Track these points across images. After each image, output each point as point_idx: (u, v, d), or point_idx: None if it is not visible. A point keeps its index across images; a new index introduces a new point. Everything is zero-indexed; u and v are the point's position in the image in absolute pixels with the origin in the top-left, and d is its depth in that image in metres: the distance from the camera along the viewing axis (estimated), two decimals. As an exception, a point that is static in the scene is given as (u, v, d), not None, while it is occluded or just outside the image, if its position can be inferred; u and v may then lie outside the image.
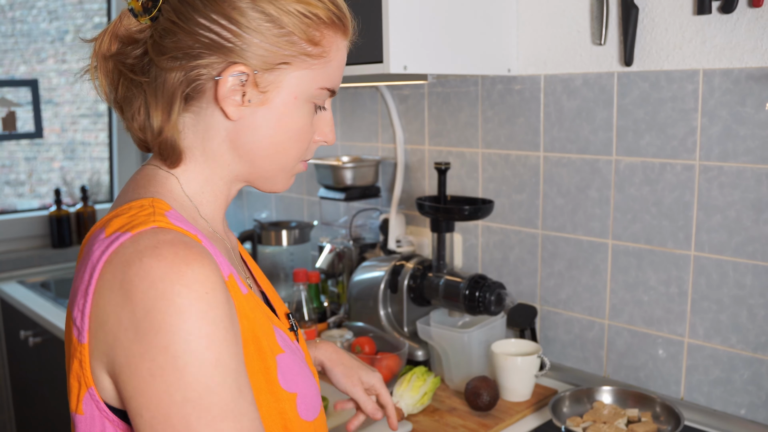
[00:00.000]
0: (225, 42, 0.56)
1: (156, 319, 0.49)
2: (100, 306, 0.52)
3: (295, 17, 0.58)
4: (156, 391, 0.49)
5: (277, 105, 0.60)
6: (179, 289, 0.50)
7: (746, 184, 1.05)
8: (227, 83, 0.57)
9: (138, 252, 0.51)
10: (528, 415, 1.16)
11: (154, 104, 0.59)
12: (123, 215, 0.56)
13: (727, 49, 1.04)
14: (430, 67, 1.15)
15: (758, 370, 1.06)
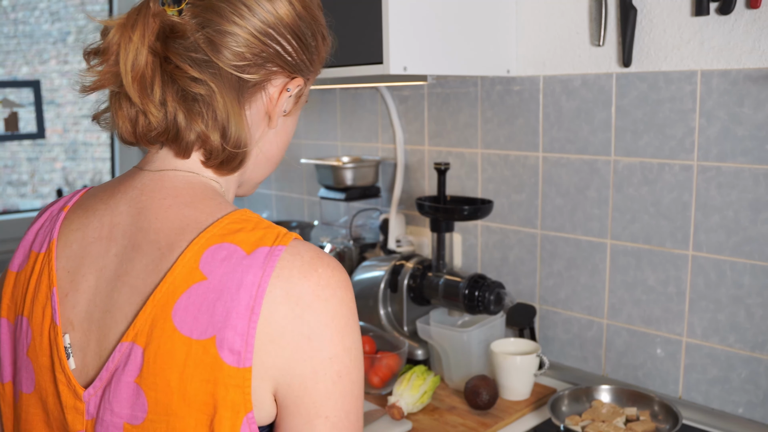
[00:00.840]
0: (290, 57, 0.60)
1: (341, 323, 0.52)
2: (270, 322, 0.51)
3: (325, 42, 0.65)
4: (342, 392, 0.52)
5: (295, 114, 0.66)
6: (349, 294, 0.54)
7: (744, 184, 1.05)
8: (286, 95, 0.61)
9: (308, 264, 0.53)
10: (527, 413, 1.17)
11: (231, 108, 0.57)
12: (243, 230, 0.54)
13: (725, 50, 1.05)
14: (430, 68, 1.16)
15: (756, 369, 1.07)
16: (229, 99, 0.57)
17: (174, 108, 0.56)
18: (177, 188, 0.58)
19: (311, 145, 1.86)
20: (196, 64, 0.56)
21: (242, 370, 0.50)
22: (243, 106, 0.59)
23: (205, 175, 0.60)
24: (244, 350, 0.50)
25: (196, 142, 0.57)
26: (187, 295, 0.51)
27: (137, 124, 0.57)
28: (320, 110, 1.81)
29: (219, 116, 0.57)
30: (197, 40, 0.56)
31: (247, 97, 0.60)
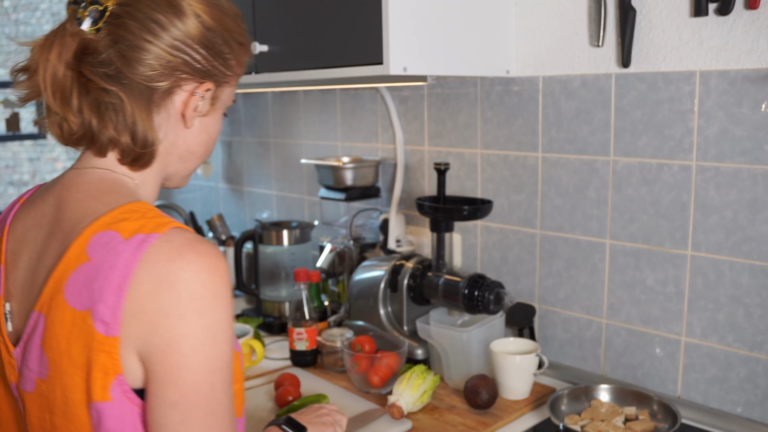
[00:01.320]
0: (198, 64, 0.68)
1: (200, 304, 0.59)
2: (136, 299, 0.59)
3: (242, 48, 0.73)
4: (195, 365, 0.59)
5: (216, 114, 0.74)
6: (216, 279, 0.61)
7: (743, 184, 1.06)
8: (196, 99, 0.70)
9: (176, 250, 0.60)
10: (526, 413, 1.17)
11: (138, 113, 0.66)
12: (128, 219, 0.63)
13: (724, 50, 1.05)
14: (430, 68, 1.16)
15: (754, 368, 1.07)
16: (137, 106, 0.66)
17: (89, 115, 0.66)
18: (90, 183, 0.68)
19: (311, 145, 1.87)
20: (108, 77, 0.65)
21: (111, 338, 0.59)
22: (153, 111, 0.68)
23: (118, 172, 0.69)
24: (112, 322, 0.59)
25: (109, 144, 0.67)
26: (76, 273, 0.61)
27: (63, 129, 0.67)
28: (320, 111, 1.82)
29: (128, 121, 0.66)
30: (110, 56, 0.65)
31: (157, 101, 0.68)
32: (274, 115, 1.99)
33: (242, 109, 2.12)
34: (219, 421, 0.62)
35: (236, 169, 2.19)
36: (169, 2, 0.66)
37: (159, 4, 0.66)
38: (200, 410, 0.60)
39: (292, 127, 1.93)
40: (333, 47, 1.19)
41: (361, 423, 1.09)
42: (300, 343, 1.36)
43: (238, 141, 2.16)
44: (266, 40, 1.34)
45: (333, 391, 1.22)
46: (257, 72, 1.38)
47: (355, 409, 1.15)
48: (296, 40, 1.27)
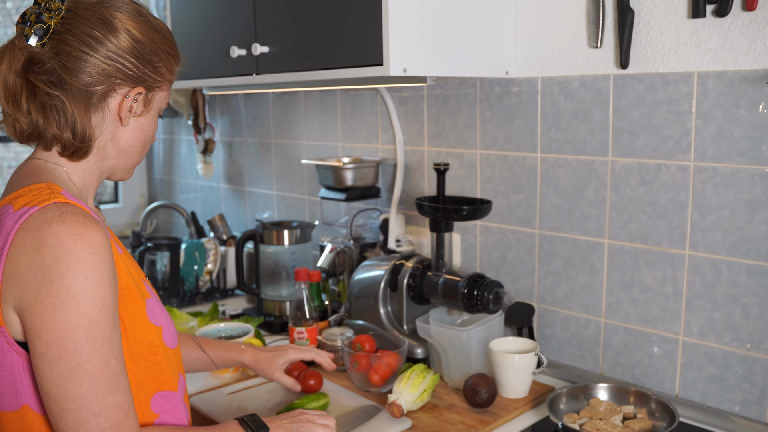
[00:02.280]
0: (130, 71, 0.80)
1: (61, 267, 0.68)
2: (12, 261, 0.70)
3: (170, 57, 0.84)
4: (56, 320, 0.68)
5: (150, 115, 0.85)
6: (80, 246, 0.69)
7: (740, 184, 1.06)
8: (129, 100, 0.81)
9: (46, 220, 0.70)
10: (525, 411, 1.18)
11: (78, 113, 0.77)
12: (25, 195, 0.74)
13: (722, 51, 1.06)
14: (430, 69, 1.17)
15: (752, 367, 1.08)
16: (76, 107, 0.78)
17: (36, 116, 0.78)
18: (26, 170, 0.80)
19: (312, 145, 1.87)
20: (51, 83, 0.77)
21: None
22: (90, 111, 0.79)
23: (51, 161, 0.81)
24: None
25: (53, 139, 0.79)
26: None
27: (15, 128, 0.79)
28: (321, 111, 1.83)
29: (69, 120, 0.77)
30: (53, 65, 0.76)
31: (95, 103, 0.79)
32: (275, 116, 2.00)
33: (243, 110, 2.12)
34: (88, 374, 0.69)
35: (237, 170, 2.19)
36: (103, 20, 0.78)
37: (94, 22, 0.77)
38: (66, 363, 0.68)
39: (293, 128, 1.94)
40: (333, 48, 1.20)
41: (357, 420, 1.10)
42: (300, 342, 1.37)
43: (239, 141, 2.17)
44: (267, 42, 1.35)
45: (333, 390, 1.23)
46: (258, 73, 1.39)
47: (353, 407, 1.16)
48: (297, 42, 1.28)
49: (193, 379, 1.31)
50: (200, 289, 1.86)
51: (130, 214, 2.66)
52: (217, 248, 1.90)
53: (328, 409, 1.15)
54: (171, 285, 1.80)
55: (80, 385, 0.69)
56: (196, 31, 1.57)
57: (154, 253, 1.83)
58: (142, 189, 2.70)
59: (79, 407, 0.69)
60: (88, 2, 0.78)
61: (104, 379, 0.70)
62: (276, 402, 1.19)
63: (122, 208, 2.64)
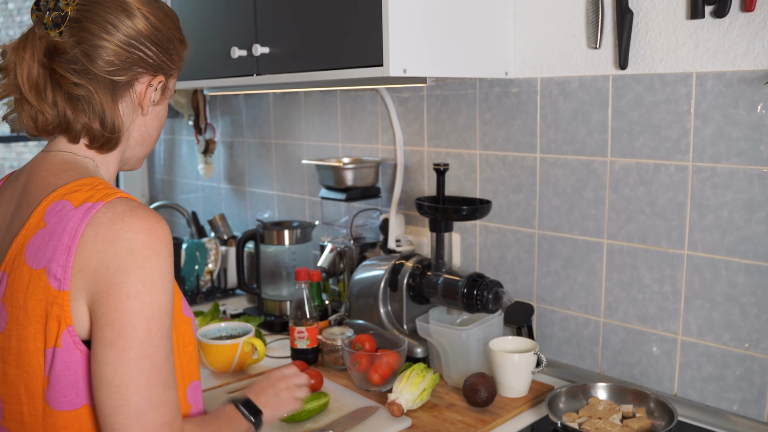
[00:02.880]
0: (151, 60, 0.79)
1: (137, 258, 0.68)
2: (83, 256, 0.68)
3: (181, 43, 0.84)
4: (130, 309, 0.68)
5: (165, 102, 0.85)
6: (155, 239, 0.70)
7: (738, 184, 1.07)
8: (152, 89, 0.81)
9: (118, 214, 0.70)
10: (525, 410, 1.18)
11: (105, 103, 0.77)
12: (81, 191, 0.73)
13: (720, 52, 1.06)
14: (429, 70, 1.17)
15: (750, 366, 1.08)
16: (104, 97, 0.77)
17: (63, 107, 0.76)
18: (53, 163, 0.78)
19: (312, 146, 1.88)
20: (76, 73, 0.75)
21: (62, 292, 0.69)
22: (117, 101, 0.79)
23: (80, 154, 0.79)
24: (63, 278, 0.68)
25: (82, 131, 0.77)
26: (35, 238, 0.71)
27: (37, 120, 0.77)
28: (321, 112, 1.83)
29: (97, 110, 0.76)
30: (76, 54, 0.74)
31: (119, 93, 0.79)
32: (276, 117, 2.00)
33: (244, 111, 2.13)
34: (154, 366, 0.68)
35: (238, 170, 2.20)
36: (120, 5, 0.77)
37: (111, 7, 0.76)
38: (135, 352, 0.68)
39: (293, 128, 1.94)
40: (333, 49, 1.21)
41: (356, 420, 1.10)
42: (301, 341, 1.37)
43: (239, 142, 2.17)
44: (267, 42, 1.35)
45: (333, 389, 1.24)
46: (259, 74, 1.39)
47: (354, 406, 1.16)
48: (297, 42, 1.29)
49: (194, 378, 1.32)
50: (201, 289, 1.87)
51: (131, 214, 2.66)
52: (217, 248, 1.90)
53: (329, 408, 1.16)
54: (172, 285, 1.80)
55: (146, 377, 0.68)
56: (197, 32, 1.58)
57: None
58: (143, 189, 2.70)
59: (142, 399, 0.67)
60: None
61: (165, 372, 0.70)
62: (276, 401, 1.20)
63: (123, 208, 2.64)
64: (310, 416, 1.11)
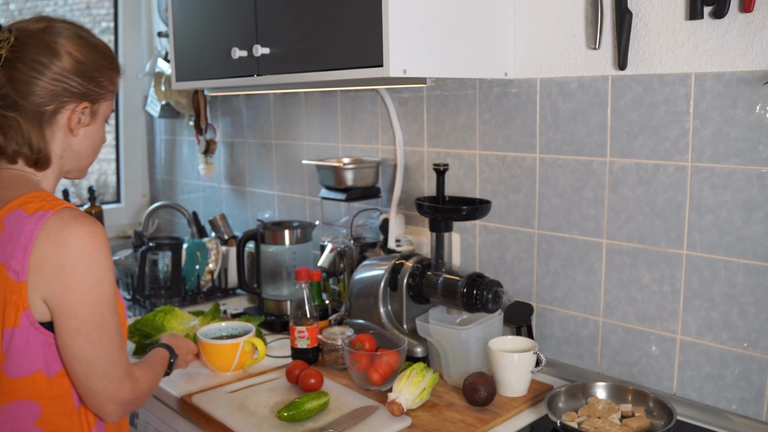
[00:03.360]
0: (75, 89, 0.92)
1: (85, 259, 0.86)
2: (37, 256, 0.85)
3: (110, 71, 0.98)
4: (88, 302, 0.87)
5: (98, 124, 0.99)
6: (97, 241, 0.88)
7: (737, 184, 1.07)
8: (77, 114, 0.94)
9: (65, 221, 0.86)
10: (524, 410, 1.18)
11: (32, 131, 0.91)
12: (33, 202, 0.88)
13: (719, 53, 1.07)
14: (429, 70, 1.18)
15: (749, 366, 1.09)
16: (32, 125, 0.91)
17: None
18: (4, 179, 0.93)
19: (313, 146, 1.89)
20: (8, 107, 0.90)
21: (20, 283, 0.85)
22: (44, 127, 0.93)
23: (25, 171, 0.95)
24: (21, 271, 0.85)
25: (14, 154, 0.92)
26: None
27: None
28: (321, 113, 1.84)
29: (25, 137, 0.92)
30: (7, 91, 0.89)
31: (47, 120, 0.92)
32: (276, 117, 2.01)
33: (244, 111, 2.14)
34: (110, 338, 0.90)
35: (238, 170, 2.21)
36: (47, 46, 0.89)
37: (40, 49, 0.89)
38: (96, 333, 0.88)
39: (294, 129, 1.95)
40: (334, 50, 1.21)
41: (356, 419, 1.11)
42: (301, 341, 1.38)
43: (240, 142, 2.18)
44: (268, 43, 1.36)
45: (334, 389, 1.24)
46: (259, 74, 1.40)
47: (354, 406, 1.17)
48: (298, 43, 1.29)
49: (194, 378, 1.32)
50: (202, 289, 1.87)
51: (132, 214, 2.67)
52: (218, 248, 1.91)
53: (329, 407, 1.16)
54: (173, 284, 1.81)
55: (105, 347, 0.89)
56: (197, 33, 1.58)
57: (156, 252, 1.84)
58: (144, 189, 2.71)
59: (106, 363, 0.89)
60: (33, 30, 0.90)
61: (117, 339, 0.91)
62: (277, 400, 1.20)
63: (124, 208, 2.65)
64: (310, 415, 1.12)
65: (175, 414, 1.29)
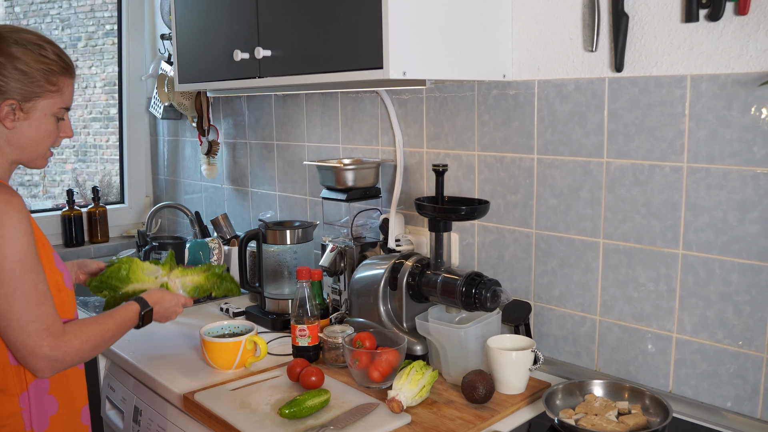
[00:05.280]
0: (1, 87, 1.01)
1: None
2: None
3: (40, 72, 1.04)
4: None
5: (35, 119, 1.06)
6: (8, 207, 0.96)
7: (732, 185, 1.08)
8: (4, 110, 1.02)
9: None
10: (522, 407, 1.20)
11: None
12: None
13: (714, 55, 1.08)
14: (429, 72, 1.19)
15: (744, 364, 1.10)
16: None
17: None
18: None
19: (313, 147, 1.90)
20: None
21: None
22: None
23: None
24: None
25: None
26: None
27: None
28: (322, 114, 1.85)
29: None
30: None
31: None
32: (277, 118, 2.03)
33: (246, 112, 2.15)
34: (25, 294, 0.97)
35: (241, 171, 2.22)
36: None
37: None
38: (8, 288, 0.96)
39: (295, 130, 1.96)
40: (334, 52, 1.22)
41: (357, 416, 1.12)
42: (302, 339, 1.39)
43: (242, 143, 2.20)
44: (269, 46, 1.37)
45: (334, 386, 1.25)
46: (261, 76, 1.41)
47: (354, 403, 1.18)
48: (298, 46, 1.31)
49: (197, 375, 1.34)
50: (204, 288, 1.88)
51: (135, 214, 2.69)
52: (220, 247, 1.92)
53: (330, 404, 1.17)
54: (175, 284, 1.82)
55: (19, 302, 0.97)
56: (200, 36, 1.60)
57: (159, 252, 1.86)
58: (148, 189, 2.73)
59: (21, 317, 0.97)
60: None
61: (36, 296, 0.98)
62: (278, 398, 1.22)
63: (128, 208, 2.67)
64: (311, 413, 1.13)
65: (178, 411, 1.31)
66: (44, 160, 1.12)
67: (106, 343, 1.10)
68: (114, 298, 1.35)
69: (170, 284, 1.36)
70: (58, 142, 1.13)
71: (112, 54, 2.55)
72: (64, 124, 1.12)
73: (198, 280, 1.39)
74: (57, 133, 1.10)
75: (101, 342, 1.08)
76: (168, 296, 1.26)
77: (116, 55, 2.55)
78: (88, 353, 1.06)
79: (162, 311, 1.24)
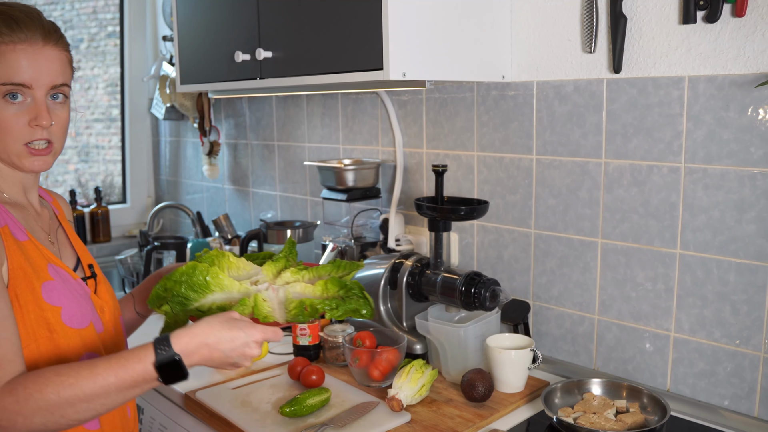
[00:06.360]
0: None
1: None
2: None
3: None
4: None
5: None
6: None
7: (729, 185, 1.09)
8: None
9: None
10: (521, 405, 1.20)
11: None
12: None
13: (712, 56, 1.08)
14: (428, 73, 1.19)
15: (741, 362, 1.10)
16: None
17: None
18: None
19: (314, 147, 1.91)
20: None
21: None
22: None
23: None
24: None
25: None
26: None
27: None
28: (323, 114, 1.86)
29: None
30: None
31: None
32: (278, 119, 2.04)
33: (247, 113, 2.16)
34: None
35: (242, 171, 2.23)
36: None
37: None
38: None
39: (296, 131, 1.97)
40: (335, 53, 1.23)
41: (357, 415, 1.13)
42: (303, 338, 1.40)
43: (243, 144, 2.21)
44: (270, 47, 1.38)
45: (335, 385, 1.26)
46: (262, 77, 1.42)
47: (354, 402, 1.19)
48: (299, 47, 1.32)
49: (199, 374, 1.35)
50: (206, 288, 1.89)
51: (137, 214, 2.71)
52: (222, 247, 1.93)
53: (330, 403, 1.18)
54: (177, 283, 1.83)
55: None
56: (202, 37, 1.61)
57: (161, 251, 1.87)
58: (150, 190, 2.74)
59: None
60: None
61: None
62: (279, 396, 1.22)
63: (130, 208, 2.69)
64: (312, 411, 1.14)
65: (179, 410, 1.31)
66: (24, 159, 0.85)
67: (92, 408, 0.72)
68: (176, 318, 0.87)
69: (264, 297, 0.86)
70: (35, 132, 0.84)
71: (114, 55, 2.56)
72: (34, 107, 0.83)
73: (314, 291, 0.89)
74: (15, 123, 0.82)
75: (76, 403, 0.71)
76: (229, 332, 0.77)
77: (118, 57, 2.56)
78: (44, 417, 0.71)
79: (218, 357, 0.78)
